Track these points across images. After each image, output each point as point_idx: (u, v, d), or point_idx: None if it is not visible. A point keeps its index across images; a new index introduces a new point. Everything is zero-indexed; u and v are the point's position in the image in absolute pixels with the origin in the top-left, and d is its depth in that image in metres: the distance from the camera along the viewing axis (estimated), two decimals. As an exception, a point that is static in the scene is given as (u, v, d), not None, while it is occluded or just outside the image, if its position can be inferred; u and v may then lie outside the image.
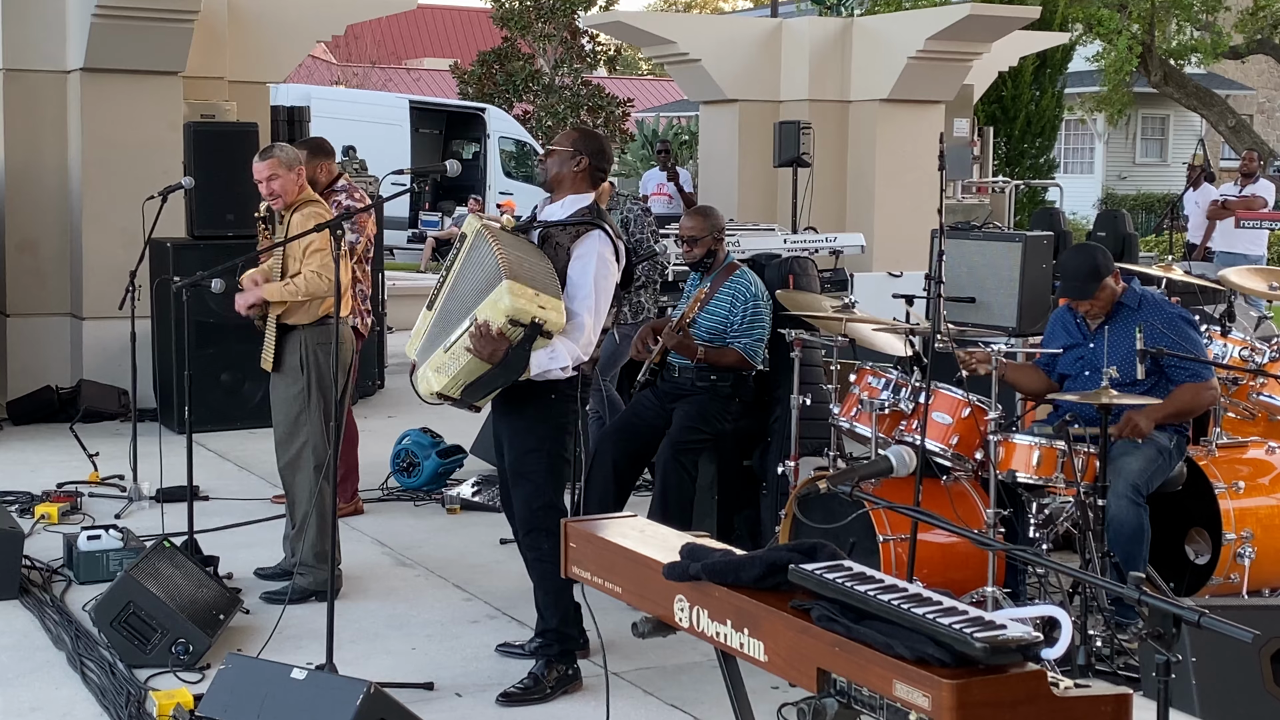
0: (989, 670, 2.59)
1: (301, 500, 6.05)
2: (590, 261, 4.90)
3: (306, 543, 5.97)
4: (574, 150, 5.09)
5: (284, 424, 6.07)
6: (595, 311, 4.90)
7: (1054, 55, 21.85)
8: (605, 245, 4.93)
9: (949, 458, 5.72)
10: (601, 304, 4.92)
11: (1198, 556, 6.03)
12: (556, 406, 5.00)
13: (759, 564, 3.08)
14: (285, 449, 6.09)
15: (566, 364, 4.87)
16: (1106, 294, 5.80)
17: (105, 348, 9.85)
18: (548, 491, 5.02)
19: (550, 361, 4.84)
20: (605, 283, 4.93)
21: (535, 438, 5.04)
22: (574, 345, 4.87)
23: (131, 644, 5.24)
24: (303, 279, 5.90)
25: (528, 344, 4.76)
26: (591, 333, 4.91)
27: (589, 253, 4.91)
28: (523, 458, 5.08)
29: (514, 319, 4.71)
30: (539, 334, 4.75)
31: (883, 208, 12.93)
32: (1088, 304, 5.83)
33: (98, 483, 7.99)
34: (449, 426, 8.53)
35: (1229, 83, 34.69)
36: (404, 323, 13.74)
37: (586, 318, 4.89)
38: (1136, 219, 26.80)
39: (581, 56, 31.13)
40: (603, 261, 4.91)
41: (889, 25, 13.29)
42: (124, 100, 10.05)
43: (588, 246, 4.92)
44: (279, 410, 6.10)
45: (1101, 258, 5.84)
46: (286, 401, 6.04)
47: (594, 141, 5.16)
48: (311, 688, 4.28)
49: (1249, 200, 13.35)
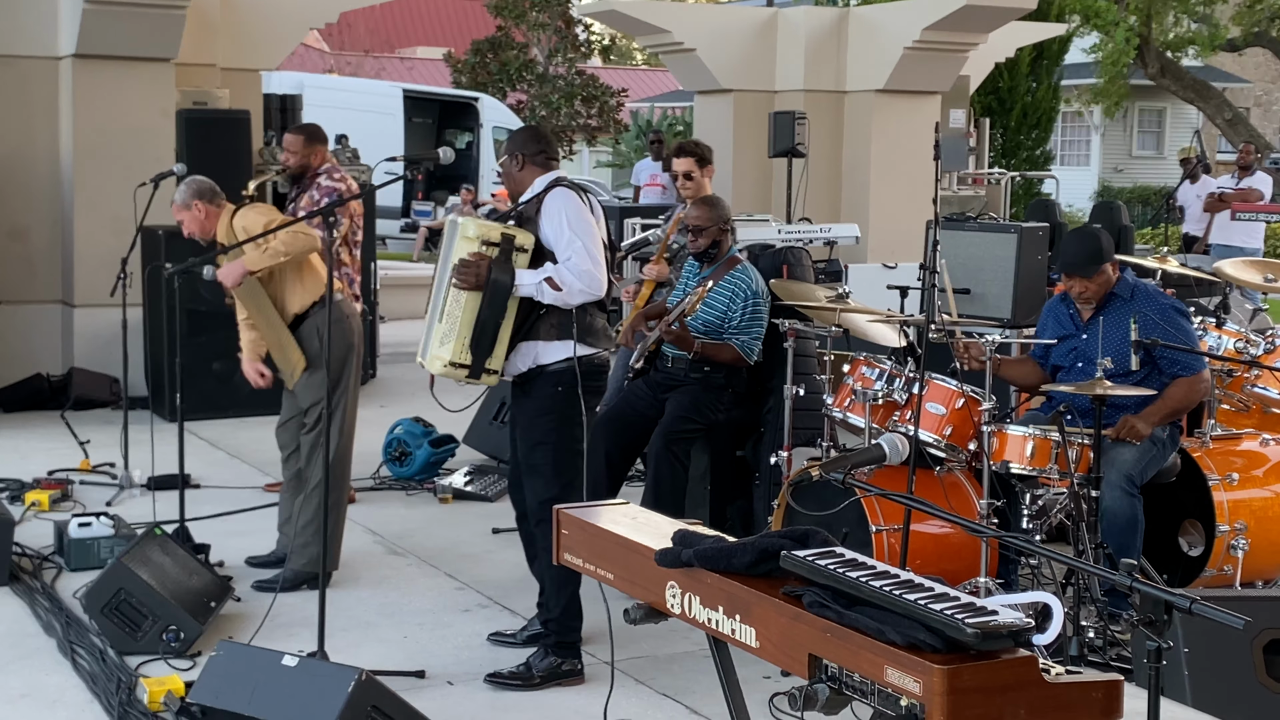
0: (980, 656, 2.58)
1: (313, 479, 6.01)
2: (556, 214, 4.91)
3: (305, 520, 5.94)
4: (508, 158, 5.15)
5: (314, 410, 6.03)
6: (587, 248, 4.86)
7: (1051, 47, 21.84)
8: (566, 194, 4.94)
9: (943, 448, 5.71)
10: (586, 239, 4.87)
11: (1191, 548, 6.03)
12: (562, 398, 4.97)
13: (751, 550, 3.07)
14: (311, 431, 6.05)
15: (557, 281, 4.84)
16: (1103, 278, 5.78)
17: (96, 335, 9.82)
18: (556, 484, 5.00)
19: (534, 277, 4.85)
20: (580, 221, 4.90)
21: (541, 430, 5.05)
22: (568, 272, 4.85)
23: (122, 631, 5.22)
24: (278, 239, 5.88)
25: (506, 258, 4.83)
26: (589, 262, 4.84)
27: (551, 208, 4.93)
28: (531, 451, 5.10)
29: (485, 240, 4.84)
30: (513, 249, 4.83)
31: (878, 199, 12.90)
32: (1083, 285, 5.79)
33: (89, 470, 7.98)
34: (441, 416, 8.47)
35: (1226, 75, 34.69)
36: (396, 312, 13.74)
37: (580, 253, 4.85)
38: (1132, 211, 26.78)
39: (576, 46, 31.12)
40: (569, 205, 4.91)
41: (885, 15, 13.24)
42: (116, 87, 10.01)
43: (548, 204, 4.94)
44: (307, 396, 6.07)
45: (1105, 241, 5.83)
46: (314, 388, 5.99)
47: (515, 139, 5.21)
48: (303, 675, 4.27)
49: (1245, 193, 13.35)
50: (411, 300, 14.66)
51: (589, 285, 4.88)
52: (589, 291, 4.90)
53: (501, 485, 7.83)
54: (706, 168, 7.06)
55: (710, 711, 4.71)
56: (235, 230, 6.03)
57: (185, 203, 6.16)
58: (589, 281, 4.87)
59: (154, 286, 9.04)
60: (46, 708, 4.83)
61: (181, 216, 6.19)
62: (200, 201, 6.12)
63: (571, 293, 4.88)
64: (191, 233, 6.20)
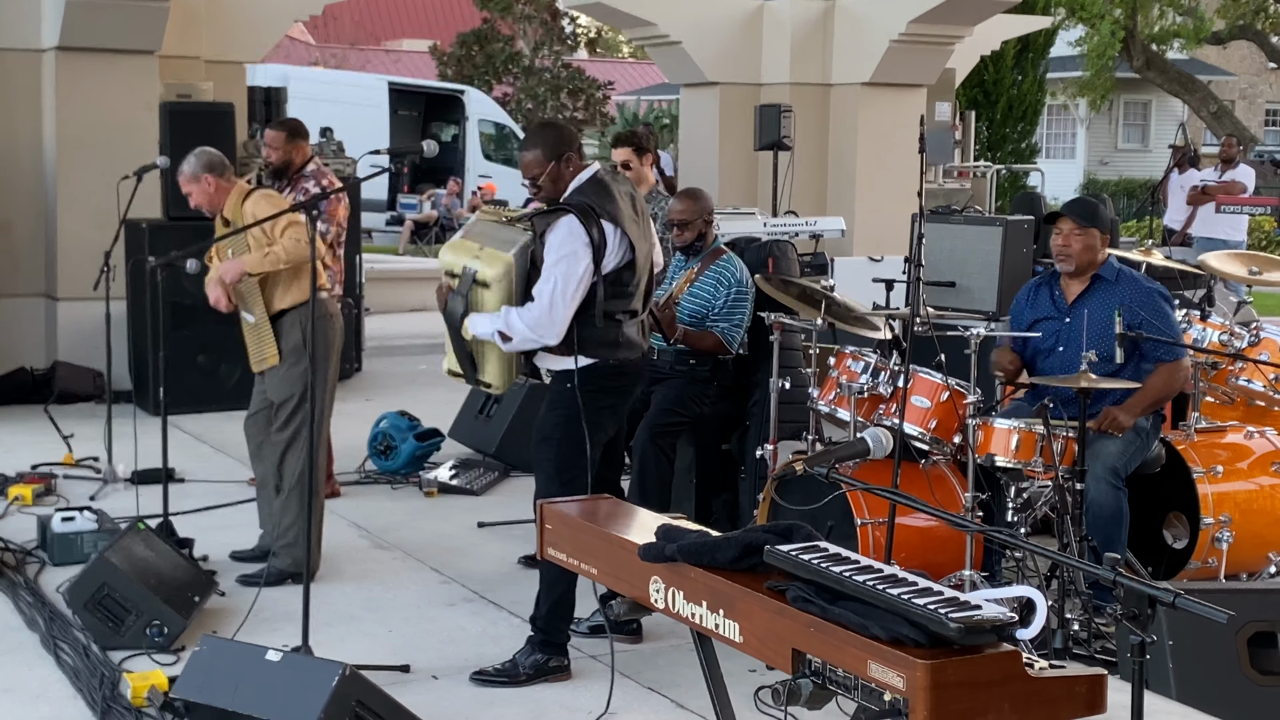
0: (964, 651, 2.58)
1: (289, 478, 6.01)
2: (553, 248, 4.85)
3: (289, 522, 5.93)
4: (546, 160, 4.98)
5: (289, 403, 6.01)
6: (553, 293, 4.80)
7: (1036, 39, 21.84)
8: (571, 228, 4.84)
9: (927, 441, 5.71)
10: (561, 284, 4.80)
11: (1176, 541, 6.04)
12: (570, 396, 4.92)
13: (735, 545, 3.06)
14: (283, 430, 6.03)
15: (508, 334, 4.84)
16: (1088, 240, 5.74)
17: (80, 329, 9.78)
18: (557, 481, 4.96)
19: (489, 324, 4.87)
20: (566, 264, 4.82)
21: (548, 425, 5.03)
22: (520, 320, 4.83)
23: (106, 626, 5.21)
24: (281, 246, 5.86)
25: (462, 291, 4.91)
26: (548, 312, 4.80)
27: (553, 239, 4.86)
28: (537, 446, 5.10)
29: (449, 271, 4.99)
30: (474, 283, 4.88)
31: (864, 192, 12.90)
32: (1067, 235, 5.75)
33: (72, 464, 7.95)
34: (427, 410, 8.51)
35: (1211, 68, 34.77)
36: (382, 305, 13.72)
37: (543, 300, 4.81)
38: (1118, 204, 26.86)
39: (562, 38, 31.09)
40: (566, 244, 4.83)
41: (871, 8, 13.23)
42: (99, 80, 9.96)
43: (554, 233, 4.87)
44: (280, 390, 6.04)
45: (1104, 210, 5.85)
46: (290, 382, 5.98)
47: (550, 134, 5.08)
48: (287, 670, 4.25)
49: (1229, 185, 13.36)
50: (397, 293, 14.67)
51: (541, 335, 4.85)
52: (538, 341, 4.87)
53: (487, 479, 7.83)
54: (645, 156, 6.98)
55: (695, 705, 4.71)
56: (244, 214, 5.99)
57: (194, 174, 6.09)
58: (541, 331, 4.84)
59: (137, 280, 9.01)
60: (29, 703, 4.81)
61: (189, 188, 6.12)
62: (210, 175, 6.07)
63: (522, 342, 4.88)
64: (199, 205, 6.14)
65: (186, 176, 6.10)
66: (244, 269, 5.91)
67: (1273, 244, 19.49)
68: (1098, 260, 5.81)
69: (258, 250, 5.90)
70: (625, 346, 5.03)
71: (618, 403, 5.12)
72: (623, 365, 5.04)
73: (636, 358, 5.10)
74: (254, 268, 5.91)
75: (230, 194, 6.08)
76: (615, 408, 5.11)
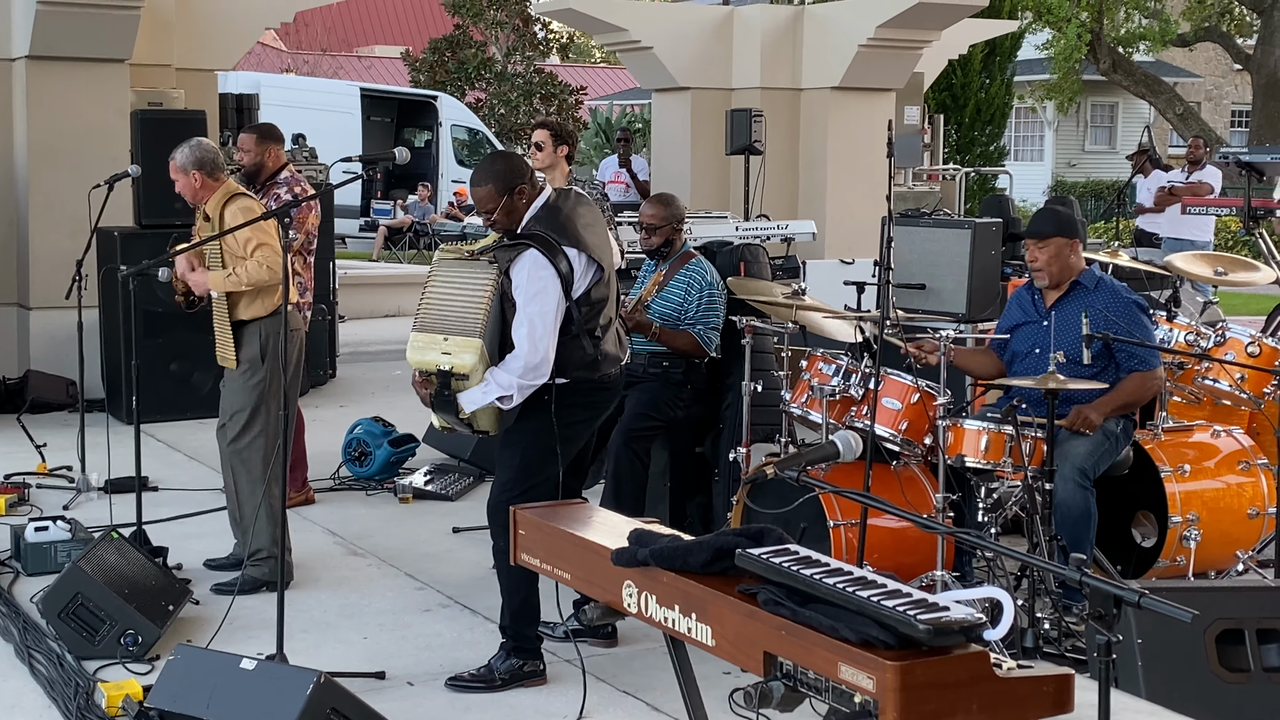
0: (932, 652, 2.61)
1: (246, 490, 6.02)
2: (521, 286, 4.84)
3: (260, 533, 5.94)
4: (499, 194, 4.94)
5: (241, 415, 6.02)
6: (532, 335, 4.80)
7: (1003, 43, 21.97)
8: (535, 263, 4.84)
9: (898, 443, 5.75)
10: (539, 324, 4.81)
11: (1145, 539, 6.09)
12: (545, 409, 4.92)
13: (706, 549, 3.09)
14: (239, 440, 6.04)
15: (505, 394, 4.83)
16: (1055, 250, 5.81)
17: (52, 337, 9.75)
18: (518, 486, 4.94)
19: (484, 396, 4.83)
20: (538, 302, 4.82)
21: (517, 433, 5.01)
22: (509, 374, 4.82)
23: (80, 635, 5.20)
24: (244, 270, 5.88)
25: (446, 389, 4.83)
26: (532, 356, 4.80)
27: (520, 277, 4.85)
28: (501, 451, 5.10)
29: (421, 371, 4.91)
30: (452, 378, 4.81)
31: (834, 195, 12.97)
32: (1035, 251, 5.85)
33: (45, 474, 7.93)
34: (401, 415, 8.51)
35: (1177, 70, 35.00)
36: (355, 311, 13.71)
37: (524, 344, 4.82)
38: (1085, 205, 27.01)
39: (534, 44, 31.09)
40: (534, 280, 4.83)
41: (839, 13, 13.31)
42: (70, 88, 9.94)
43: (518, 270, 4.86)
44: (233, 400, 6.06)
45: (1064, 217, 5.91)
46: (245, 392, 6.00)
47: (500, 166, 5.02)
48: (261, 678, 4.26)
49: (1195, 186, 13.46)
50: (371, 299, 14.66)
51: (534, 378, 4.85)
52: (534, 385, 4.87)
53: (462, 484, 7.84)
54: (562, 146, 7.01)
55: (671, 708, 4.73)
56: (224, 217, 5.99)
57: (184, 167, 6.11)
58: (533, 374, 4.84)
59: (110, 288, 8.99)
60: (3, 713, 4.80)
61: (176, 177, 6.14)
62: (199, 172, 6.08)
63: (520, 395, 4.87)
64: (182, 193, 6.17)
65: (176, 165, 6.12)
66: (206, 286, 5.93)
67: (1240, 244, 19.63)
68: (1071, 265, 5.87)
69: (223, 270, 5.93)
70: (606, 361, 5.05)
71: (593, 417, 5.15)
72: (603, 381, 5.07)
73: (616, 371, 5.12)
74: (217, 287, 5.94)
75: (216, 193, 6.08)
76: (590, 422, 5.13)
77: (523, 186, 4.96)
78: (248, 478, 6.05)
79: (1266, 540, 6.04)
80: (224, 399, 6.12)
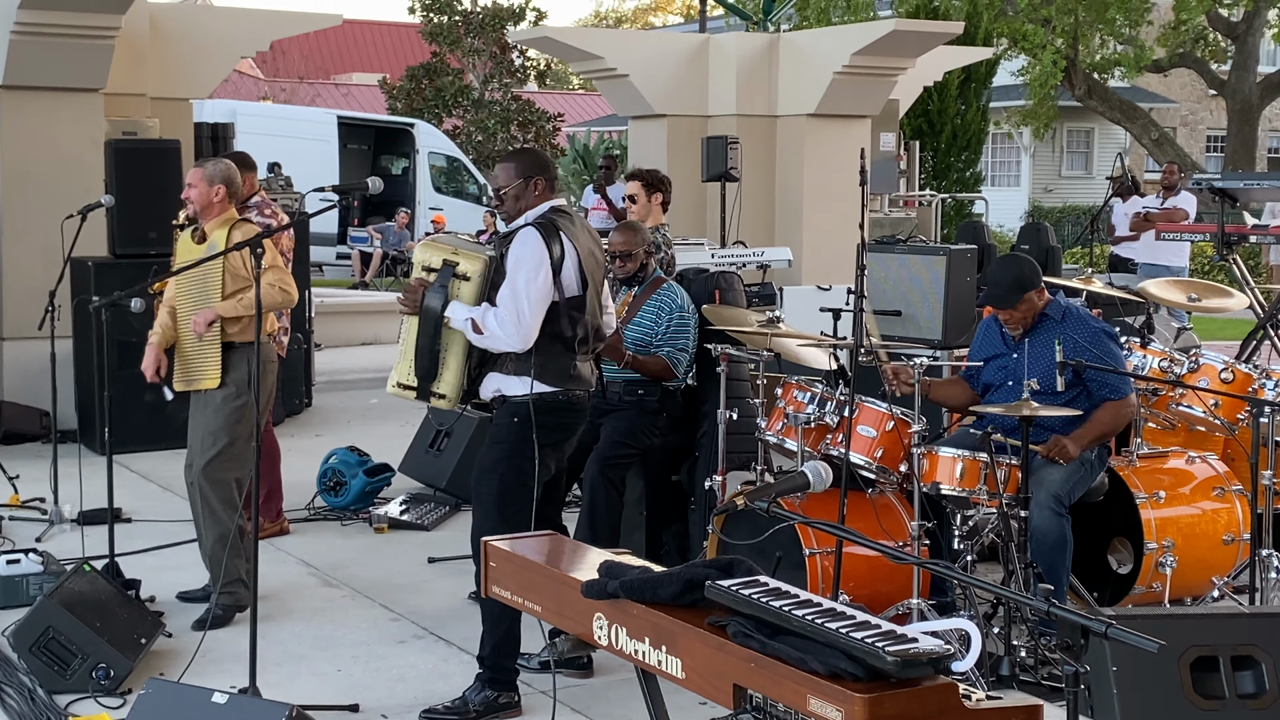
0: (901, 684, 2.61)
1: (220, 515, 5.98)
2: (514, 257, 4.90)
3: (230, 561, 5.90)
4: (517, 175, 5.06)
5: (219, 436, 5.97)
6: (516, 297, 4.84)
7: (979, 70, 22.12)
8: (532, 239, 4.91)
9: (874, 470, 5.75)
10: (525, 290, 4.84)
11: (1120, 566, 6.10)
12: (517, 430, 4.94)
13: (676, 581, 3.08)
14: (212, 463, 5.99)
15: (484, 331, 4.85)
16: (1027, 306, 5.87)
17: (25, 368, 9.70)
18: (496, 516, 4.94)
19: (465, 313, 4.88)
20: (526, 270, 4.86)
21: (490, 459, 5.03)
22: (494, 319, 4.85)
23: (51, 669, 5.16)
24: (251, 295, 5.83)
25: (441, 285, 4.90)
26: (514, 313, 4.84)
27: (514, 249, 4.92)
28: (478, 479, 5.10)
29: (427, 265, 4.97)
30: (453, 276, 4.90)
31: (810, 221, 13.01)
32: (1008, 314, 5.91)
33: (18, 505, 7.87)
34: (377, 444, 8.49)
35: (1152, 96, 35.24)
36: (332, 340, 13.67)
37: (508, 305, 4.85)
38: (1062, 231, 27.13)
39: (511, 71, 31.13)
40: (526, 251, 4.89)
41: (815, 41, 13.37)
42: (44, 117, 9.92)
43: (514, 246, 4.94)
44: (210, 421, 6.00)
45: (1027, 270, 5.90)
46: (226, 414, 5.95)
47: (528, 156, 5.19)
48: (233, 712, 4.24)
49: (1170, 212, 13.51)
50: (347, 328, 14.64)
51: (509, 337, 4.87)
52: (509, 344, 4.89)
53: (438, 514, 7.82)
54: (655, 194, 7.29)
55: (645, 739, 4.71)
56: (220, 241, 5.92)
57: (211, 178, 6.01)
58: (510, 333, 4.86)
59: (83, 319, 8.94)
60: (-27, 749, 4.77)
61: (196, 184, 6.00)
62: (224, 188, 6.02)
63: (492, 339, 4.90)
64: (190, 200, 6.03)
65: (202, 174, 6.01)
66: (218, 314, 5.89)
67: (1215, 270, 19.73)
68: (1037, 307, 5.91)
69: (232, 299, 5.90)
70: (575, 380, 5.06)
71: (562, 440, 5.14)
72: (571, 401, 5.06)
73: (584, 393, 5.13)
74: (228, 312, 5.90)
75: (220, 217, 6.02)
76: (559, 445, 5.13)
77: (540, 179, 5.07)
78: (218, 501, 5.99)
79: (1241, 566, 6.04)
80: (198, 423, 6.05)
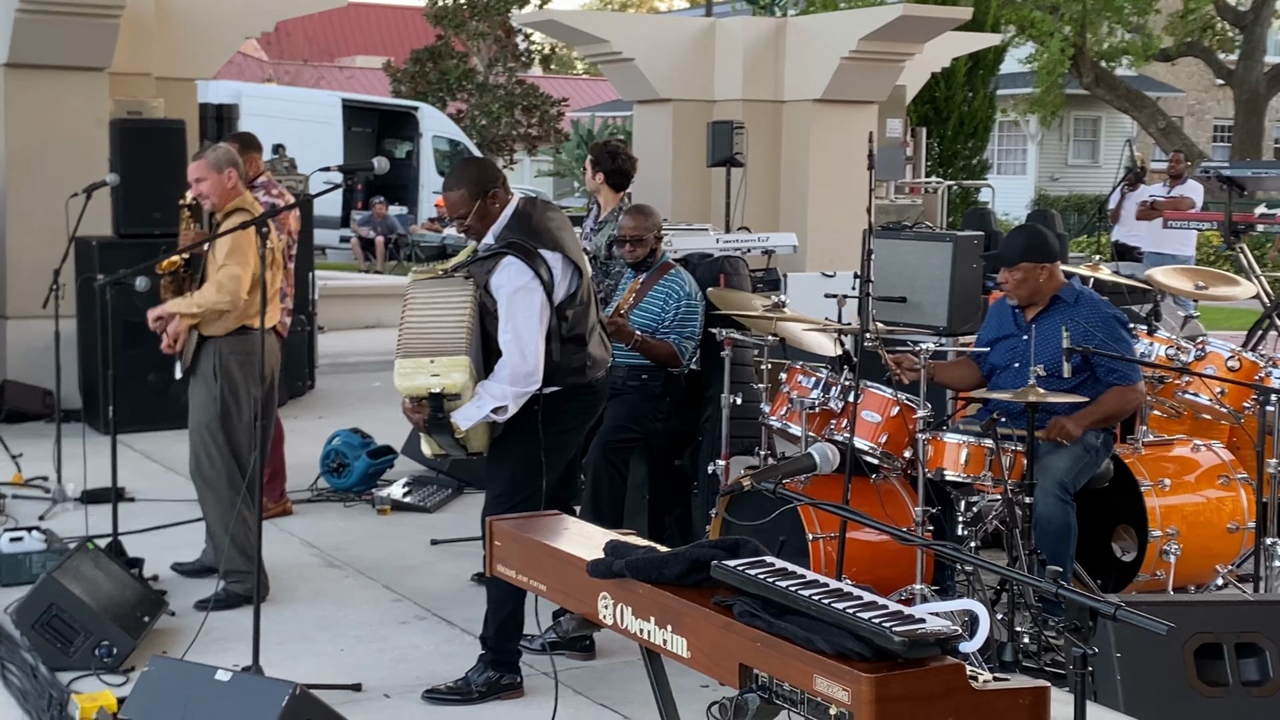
0: (908, 664, 2.60)
1: (209, 505, 5.99)
2: (503, 292, 4.83)
3: (231, 550, 5.89)
4: (469, 196, 4.95)
5: (196, 429, 6.00)
6: (519, 340, 4.79)
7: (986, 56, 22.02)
8: (514, 268, 4.83)
9: (878, 456, 5.74)
10: (524, 328, 4.79)
11: (1124, 554, 6.09)
12: (529, 420, 4.90)
13: (682, 560, 3.07)
14: (196, 454, 6.01)
15: (499, 404, 4.79)
16: (1025, 276, 5.82)
17: (29, 347, 9.70)
18: (508, 501, 4.91)
19: (478, 410, 4.79)
20: (522, 309, 4.81)
21: (503, 448, 4.98)
22: (501, 384, 4.79)
23: (54, 647, 5.16)
24: (201, 292, 5.81)
25: (440, 412, 4.76)
26: (521, 361, 4.78)
27: (500, 283, 4.84)
28: (490, 466, 5.07)
29: (413, 397, 4.79)
30: (444, 400, 4.74)
31: (816, 207, 12.98)
32: (1005, 274, 5.85)
33: (21, 484, 7.88)
34: (380, 427, 8.48)
35: (1159, 85, 35.18)
36: (335, 322, 13.67)
37: (512, 351, 4.80)
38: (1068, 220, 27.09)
39: (516, 55, 31.10)
40: (515, 285, 4.82)
41: (822, 25, 13.33)
42: (49, 96, 9.91)
43: (498, 277, 4.85)
44: (192, 415, 6.04)
45: (1037, 241, 5.87)
46: (200, 408, 5.98)
47: (474, 171, 5.05)
48: (236, 690, 4.23)
49: (1177, 201, 13.49)
50: (350, 310, 14.62)
51: (526, 385, 4.82)
52: (527, 392, 4.83)
53: (440, 496, 7.82)
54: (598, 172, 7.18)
55: (647, 721, 4.72)
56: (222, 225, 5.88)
57: (218, 164, 5.90)
58: (523, 381, 4.81)
59: (87, 297, 8.94)
60: (-24, 726, 4.78)
61: (206, 176, 5.89)
62: (234, 170, 5.93)
63: (515, 404, 4.82)
64: (203, 194, 5.93)
65: (208, 165, 5.89)
66: (170, 311, 5.89)
67: (1221, 259, 19.70)
68: (1042, 287, 5.86)
69: (185, 298, 5.88)
70: (592, 366, 5.04)
71: (582, 424, 5.13)
72: (592, 384, 5.05)
73: (603, 374, 5.11)
74: (178, 309, 5.88)
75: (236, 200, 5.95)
76: (579, 429, 5.12)
77: (495, 191, 4.97)
78: (205, 492, 6.01)
79: (1246, 555, 6.04)
80: (191, 412, 6.08)
